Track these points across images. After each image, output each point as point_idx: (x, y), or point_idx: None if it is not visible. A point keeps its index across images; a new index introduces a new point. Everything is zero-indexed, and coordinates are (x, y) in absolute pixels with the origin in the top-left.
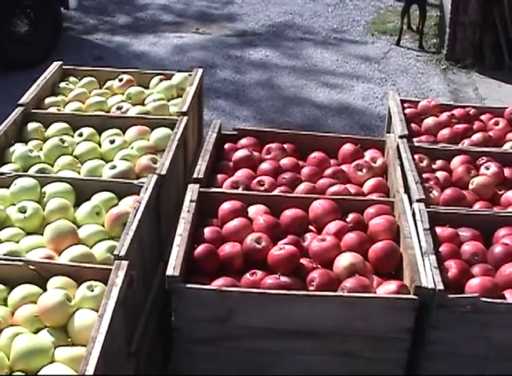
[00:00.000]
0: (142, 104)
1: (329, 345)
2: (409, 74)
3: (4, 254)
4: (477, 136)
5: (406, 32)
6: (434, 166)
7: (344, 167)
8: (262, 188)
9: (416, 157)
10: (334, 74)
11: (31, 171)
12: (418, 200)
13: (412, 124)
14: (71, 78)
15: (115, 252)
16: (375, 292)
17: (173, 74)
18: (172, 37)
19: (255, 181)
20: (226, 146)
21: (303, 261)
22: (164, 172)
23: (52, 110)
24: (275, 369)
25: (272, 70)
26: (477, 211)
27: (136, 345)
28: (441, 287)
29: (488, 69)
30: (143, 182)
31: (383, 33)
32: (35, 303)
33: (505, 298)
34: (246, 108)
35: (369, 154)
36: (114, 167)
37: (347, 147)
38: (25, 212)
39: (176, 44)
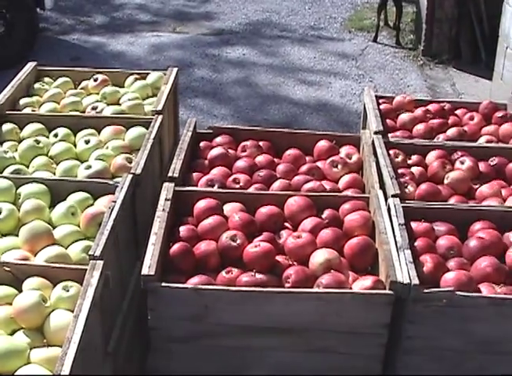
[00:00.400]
0: (117, 104)
1: (306, 341)
2: (387, 70)
3: None
4: (452, 131)
5: (383, 29)
6: (409, 161)
7: (319, 163)
8: (238, 186)
9: (391, 152)
10: (312, 72)
11: (6, 173)
12: (393, 196)
13: (388, 120)
14: (46, 79)
15: (90, 252)
16: (351, 288)
17: (148, 74)
18: (149, 37)
19: (230, 179)
20: (201, 144)
21: (279, 258)
22: (139, 171)
23: (27, 110)
24: (252, 366)
25: (249, 69)
26: (452, 205)
27: (114, 345)
28: (416, 281)
29: (464, 64)
30: (118, 182)
31: (360, 30)
32: (10, 304)
33: (480, 292)
34: (224, 106)
35: (344, 151)
36: (89, 167)
37: (323, 144)
38: (0, 213)
39: (153, 43)
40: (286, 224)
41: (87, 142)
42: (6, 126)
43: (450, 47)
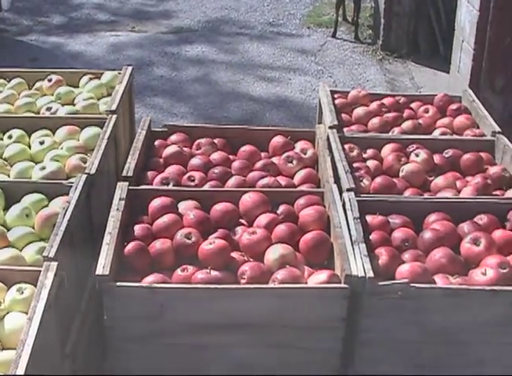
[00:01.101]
0: (72, 104)
1: (263, 337)
2: (346, 65)
3: None
4: (406, 124)
5: (342, 24)
6: (364, 155)
7: (274, 159)
8: (192, 183)
9: (346, 146)
10: (271, 68)
11: None
12: (348, 190)
13: (343, 115)
14: (0, 80)
15: (44, 254)
16: (306, 283)
17: (102, 73)
18: (108, 36)
19: (185, 177)
20: (156, 143)
21: (234, 254)
22: (93, 171)
23: None
24: (211, 364)
25: (208, 66)
26: (407, 198)
27: (71, 346)
28: (371, 274)
29: (423, 58)
30: (72, 183)
31: (319, 25)
32: None
33: (435, 283)
34: (184, 105)
35: (299, 146)
36: (44, 168)
37: (277, 140)
38: None
39: (112, 43)
40: (242, 220)
41: (41, 143)
42: None
43: (408, 41)
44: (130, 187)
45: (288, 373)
